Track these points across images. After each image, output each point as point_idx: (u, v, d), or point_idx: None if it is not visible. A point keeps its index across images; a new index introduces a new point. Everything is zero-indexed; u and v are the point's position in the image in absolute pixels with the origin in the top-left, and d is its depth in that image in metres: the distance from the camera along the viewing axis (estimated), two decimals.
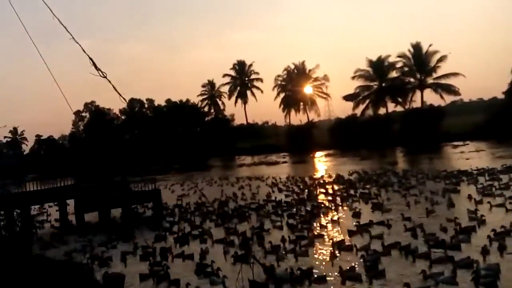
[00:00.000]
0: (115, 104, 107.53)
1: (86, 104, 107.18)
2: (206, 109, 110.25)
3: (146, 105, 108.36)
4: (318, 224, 22.67)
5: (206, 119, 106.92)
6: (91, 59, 7.89)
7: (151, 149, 79.36)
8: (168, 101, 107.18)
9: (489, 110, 75.08)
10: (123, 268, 18.38)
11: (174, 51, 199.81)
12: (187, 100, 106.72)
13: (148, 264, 18.25)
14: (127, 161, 76.11)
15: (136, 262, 19.16)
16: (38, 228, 30.25)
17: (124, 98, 8.44)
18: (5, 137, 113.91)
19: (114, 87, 8.14)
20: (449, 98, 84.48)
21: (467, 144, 63.97)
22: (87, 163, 76.17)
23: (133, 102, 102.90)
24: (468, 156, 51.03)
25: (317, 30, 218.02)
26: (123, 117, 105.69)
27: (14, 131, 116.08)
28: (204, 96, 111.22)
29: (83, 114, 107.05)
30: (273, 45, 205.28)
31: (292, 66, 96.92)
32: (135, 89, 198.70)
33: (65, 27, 8.24)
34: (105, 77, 8.08)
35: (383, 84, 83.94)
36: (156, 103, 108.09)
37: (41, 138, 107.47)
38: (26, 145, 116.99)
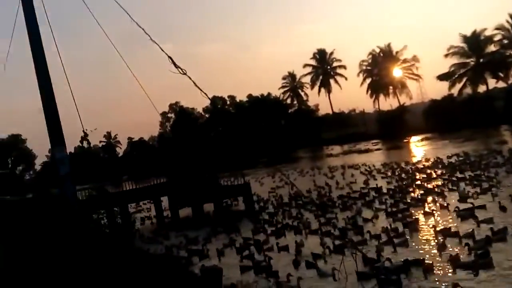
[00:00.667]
0: (199, 103, 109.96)
1: (170, 105, 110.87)
2: (288, 101, 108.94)
3: (228, 102, 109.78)
4: (422, 211, 20.99)
5: (290, 111, 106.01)
6: (169, 57, 8.23)
7: (236, 144, 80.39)
8: (250, 96, 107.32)
9: None
10: (221, 260, 18.29)
11: (247, 49, 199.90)
12: (269, 94, 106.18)
13: (239, 257, 18.04)
14: (214, 157, 77.87)
15: (234, 254, 19.08)
16: (140, 224, 31.64)
17: (205, 93, 8.58)
18: (100, 141, 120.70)
19: (194, 83, 8.38)
20: None
21: None
22: (176, 162, 78.97)
23: (215, 99, 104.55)
24: None
25: (400, 9, 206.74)
26: (206, 115, 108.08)
27: (108, 135, 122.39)
28: (286, 89, 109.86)
29: (169, 115, 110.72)
30: (353, 31, 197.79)
31: (377, 50, 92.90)
32: (215, 88, 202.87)
33: (143, 29, 8.67)
34: (185, 73, 8.24)
35: (481, 60, 77.56)
36: (237, 99, 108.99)
37: (133, 140, 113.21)
38: (120, 147, 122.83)
